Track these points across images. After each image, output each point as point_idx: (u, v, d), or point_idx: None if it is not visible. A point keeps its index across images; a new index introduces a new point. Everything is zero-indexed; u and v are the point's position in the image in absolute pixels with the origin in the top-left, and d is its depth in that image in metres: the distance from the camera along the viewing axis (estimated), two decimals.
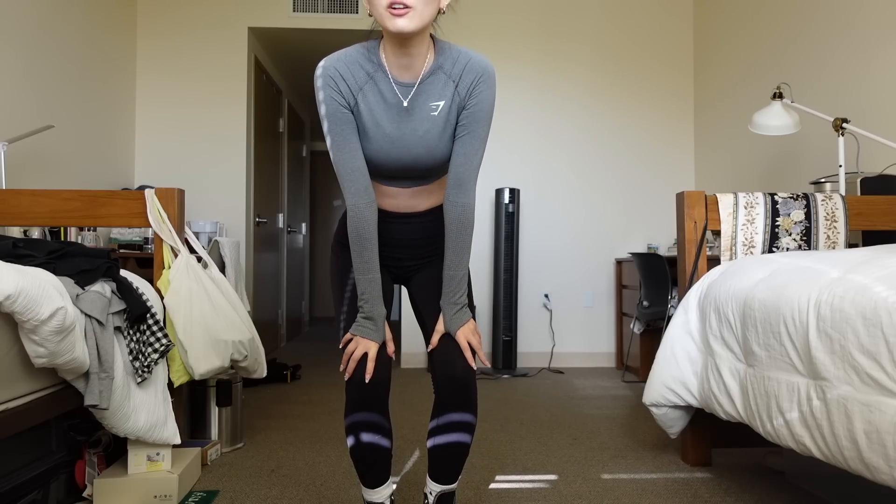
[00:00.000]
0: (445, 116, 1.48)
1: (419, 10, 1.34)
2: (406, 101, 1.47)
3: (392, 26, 1.34)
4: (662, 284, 3.46)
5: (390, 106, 1.47)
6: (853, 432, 1.33)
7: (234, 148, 4.38)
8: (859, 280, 1.40)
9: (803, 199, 2.27)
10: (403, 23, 1.33)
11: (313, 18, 4.44)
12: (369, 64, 1.46)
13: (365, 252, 1.50)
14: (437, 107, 1.47)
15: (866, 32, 2.89)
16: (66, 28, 3.44)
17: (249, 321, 2.39)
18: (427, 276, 1.67)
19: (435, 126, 1.48)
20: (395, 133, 1.47)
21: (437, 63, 1.46)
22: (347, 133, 1.46)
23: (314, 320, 7.97)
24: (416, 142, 1.48)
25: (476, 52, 1.48)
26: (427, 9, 1.35)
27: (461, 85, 1.47)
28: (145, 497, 1.87)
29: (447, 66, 1.47)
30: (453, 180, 1.51)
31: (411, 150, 1.49)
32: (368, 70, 1.46)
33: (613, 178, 4.59)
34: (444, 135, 1.49)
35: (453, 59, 1.47)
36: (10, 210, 2.21)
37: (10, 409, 1.47)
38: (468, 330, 1.54)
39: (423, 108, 1.47)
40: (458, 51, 1.48)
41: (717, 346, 1.93)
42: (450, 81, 1.47)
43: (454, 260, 1.54)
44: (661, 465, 2.28)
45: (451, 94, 1.48)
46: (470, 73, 1.46)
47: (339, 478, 2.15)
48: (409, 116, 1.47)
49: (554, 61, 4.57)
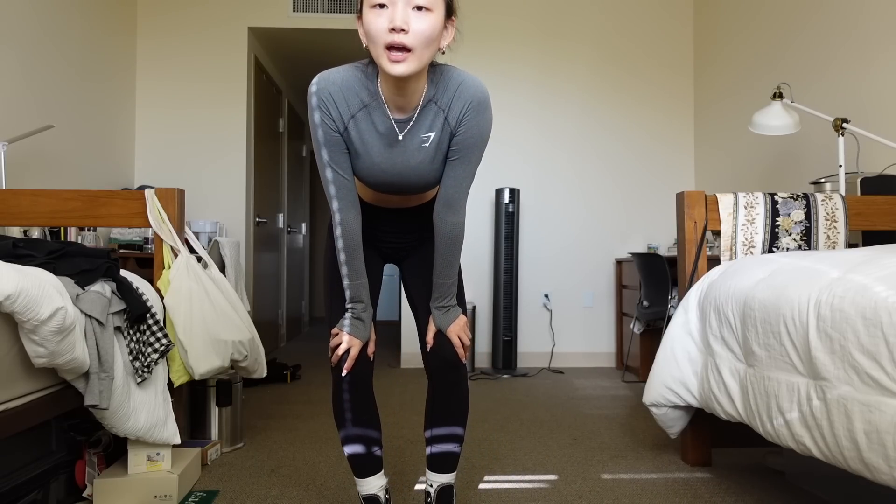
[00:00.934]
0: (436, 146, 1.48)
1: (418, 53, 1.31)
2: (401, 135, 1.46)
3: (390, 70, 1.31)
4: (662, 284, 3.46)
5: (382, 136, 1.46)
6: (853, 432, 1.33)
7: (234, 148, 4.38)
8: (859, 280, 1.40)
9: (803, 199, 2.27)
10: (402, 69, 1.31)
11: (313, 18, 4.44)
12: (365, 92, 1.43)
13: (354, 261, 1.55)
14: (428, 138, 1.47)
15: (866, 32, 2.89)
16: (66, 28, 3.44)
17: (249, 321, 2.39)
18: (419, 261, 1.72)
19: (426, 156, 1.49)
20: (387, 163, 1.48)
21: (429, 94, 1.45)
22: (337, 154, 1.47)
23: (314, 320, 7.97)
24: (408, 171, 1.50)
25: (470, 75, 1.46)
26: (427, 51, 1.33)
27: (451, 115, 1.45)
28: (145, 497, 1.87)
29: (439, 96, 1.45)
30: (443, 200, 1.52)
31: (402, 177, 1.51)
32: (364, 98, 1.43)
33: (613, 178, 4.59)
34: (434, 162, 1.50)
35: (444, 88, 1.44)
36: (10, 210, 2.21)
37: (10, 409, 1.47)
38: (458, 327, 1.62)
39: (415, 140, 1.47)
40: (450, 77, 1.45)
41: (717, 346, 1.93)
42: (440, 112, 1.45)
43: (444, 271, 1.59)
44: (661, 465, 2.28)
45: (440, 125, 1.46)
46: (459, 102, 1.44)
47: (339, 478, 2.15)
48: (401, 148, 1.47)
49: (554, 61, 4.57)
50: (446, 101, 1.45)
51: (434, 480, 1.66)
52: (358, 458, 1.63)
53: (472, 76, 1.46)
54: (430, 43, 1.33)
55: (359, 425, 1.62)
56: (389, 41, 1.29)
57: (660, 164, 4.61)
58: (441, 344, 1.62)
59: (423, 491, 1.79)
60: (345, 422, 1.62)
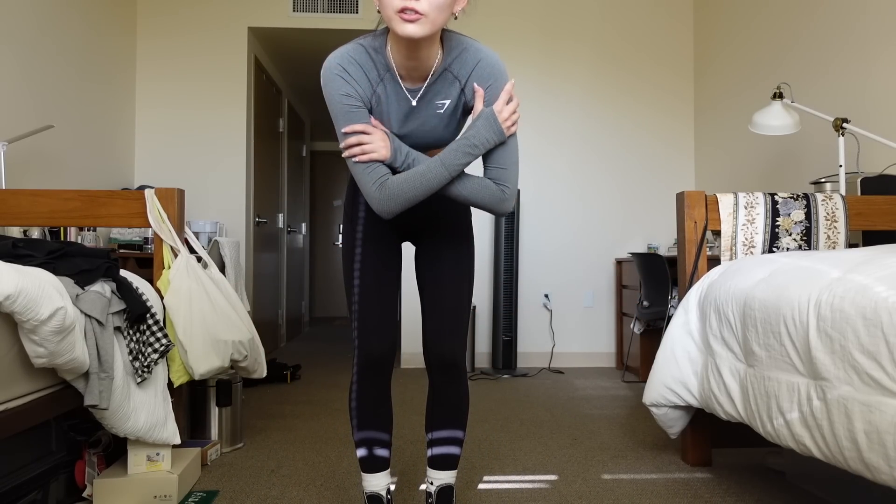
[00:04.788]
0: (451, 113, 1.50)
1: (431, 17, 1.31)
2: (415, 100, 1.47)
3: (401, 31, 1.31)
4: (662, 284, 3.46)
5: (397, 105, 1.48)
6: (853, 432, 1.33)
7: (234, 148, 4.38)
8: (860, 280, 1.40)
9: (803, 199, 2.27)
10: (413, 29, 1.30)
11: (313, 18, 4.44)
12: (378, 63, 1.45)
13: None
14: (443, 105, 1.49)
15: (867, 33, 2.89)
16: (66, 28, 3.44)
17: (249, 321, 2.39)
18: (433, 245, 1.66)
19: (440, 122, 1.51)
20: (403, 130, 1.50)
21: (444, 64, 1.46)
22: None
23: (314, 320, 7.97)
24: (423, 134, 1.51)
25: (486, 48, 1.46)
26: (440, 15, 1.33)
27: (468, 87, 1.47)
28: (145, 497, 1.87)
29: (455, 67, 1.46)
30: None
31: (417, 141, 1.52)
32: (379, 70, 1.45)
33: (613, 179, 4.59)
34: (449, 126, 1.52)
35: (461, 60, 1.45)
36: (10, 210, 2.21)
37: (10, 409, 1.47)
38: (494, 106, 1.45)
39: (430, 107, 1.49)
40: (466, 49, 1.46)
41: (717, 346, 1.93)
42: (456, 81, 1.47)
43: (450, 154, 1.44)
44: (661, 465, 2.28)
45: (456, 94, 1.48)
46: (478, 78, 1.45)
47: (339, 478, 2.15)
48: (415, 115, 1.49)
49: (554, 61, 4.57)
50: (464, 72, 1.45)
51: (434, 479, 1.67)
52: (366, 457, 1.65)
53: (489, 49, 1.47)
54: (443, 8, 1.33)
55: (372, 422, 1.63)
56: (401, 5, 1.29)
57: (660, 164, 4.61)
58: (438, 341, 1.61)
59: (424, 491, 1.79)
60: (360, 415, 1.63)
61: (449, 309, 1.62)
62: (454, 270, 1.64)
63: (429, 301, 1.64)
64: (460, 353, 1.63)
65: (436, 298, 1.63)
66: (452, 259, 1.64)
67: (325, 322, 7.81)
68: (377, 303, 1.60)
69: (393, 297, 1.64)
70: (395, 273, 1.66)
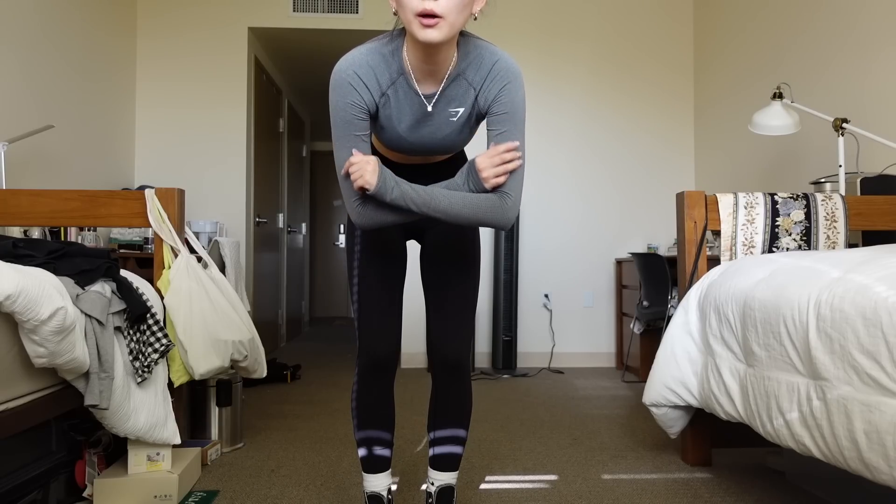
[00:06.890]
0: (465, 121, 1.48)
1: (450, 20, 1.28)
2: (430, 106, 1.44)
3: (421, 36, 1.28)
4: (662, 284, 3.46)
5: (410, 111, 1.44)
6: (853, 432, 1.33)
7: (234, 148, 4.38)
8: (859, 280, 1.40)
9: (803, 199, 2.27)
10: (433, 34, 1.28)
11: (313, 18, 4.44)
12: (392, 68, 1.41)
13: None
14: (457, 113, 1.46)
15: (866, 32, 2.89)
16: (66, 28, 3.44)
17: (249, 321, 2.39)
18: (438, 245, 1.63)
19: (453, 130, 1.48)
20: (413, 136, 1.47)
21: (459, 68, 1.42)
22: (360, 144, 1.41)
23: (314, 320, 7.97)
24: (434, 142, 1.49)
25: (503, 53, 1.43)
26: (459, 17, 1.30)
27: (483, 93, 1.43)
28: (145, 497, 1.87)
29: (470, 73, 1.43)
30: None
31: (428, 147, 1.50)
32: (392, 75, 1.41)
33: (613, 179, 4.59)
34: (461, 134, 1.51)
35: (476, 65, 1.42)
36: (10, 210, 2.21)
37: (10, 409, 1.47)
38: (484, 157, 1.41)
39: (443, 114, 1.46)
40: (481, 53, 1.42)
41: (717, 346, 1.93)
42: (471, 89, 1.44)
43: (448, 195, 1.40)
44: (661, 465, 2.28)
45: (471, 102, 1.45)
46: (495, 83, 1.42)
47: (339, 478, 2.15)
48: (429, 121, 1.46)
49: (554, 61, 4.57)
50: (479, 79, 1.43)
51: (435, 480, 1.67)
52: (367, 457, 1.65)
53: (505, 54, 1.44)
54: (462, 9, 1.30)
55: (374, 422, 1.64)
56: (421, 8, 1.26)
57: (660, 164, 4.61)
58: (443, 341, 1.61)
59: (424, 491, 1.79)
60: (361, 415, 1.64)
61: (454, 309, 1.61)
62: (460, 270, 1.62)
63: (434, 301, 1.63)
64: (465, 353, 1.62)
65: (441, 298, 1.62)
66: (458, 259, 1.63)
67: (325, 322, 7.81)
68: (379, 302, 1.60)
69: (396, 297, 1.63)
70: (399, 272, 1.65)
